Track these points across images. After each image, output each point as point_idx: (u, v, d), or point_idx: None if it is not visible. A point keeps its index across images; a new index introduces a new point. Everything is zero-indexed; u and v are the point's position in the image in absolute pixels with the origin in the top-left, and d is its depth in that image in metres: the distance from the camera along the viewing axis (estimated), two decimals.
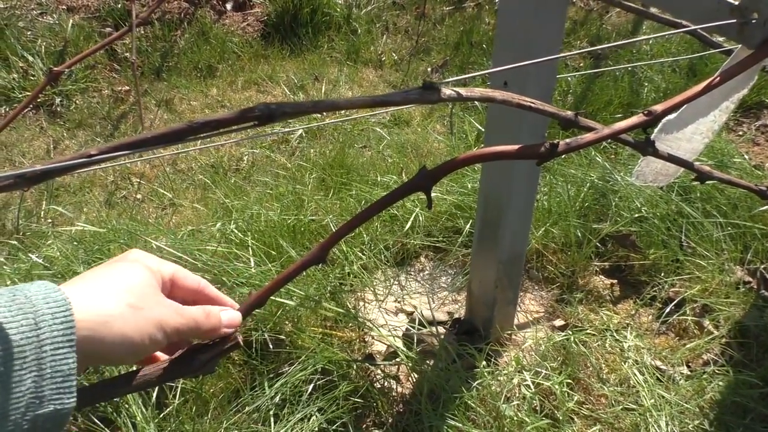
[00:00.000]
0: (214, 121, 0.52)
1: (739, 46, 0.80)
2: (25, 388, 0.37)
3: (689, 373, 1.39)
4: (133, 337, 0.44)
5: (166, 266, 0.52)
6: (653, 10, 1.47)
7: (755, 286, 1.56)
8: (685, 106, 0.92)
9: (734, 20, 0.76)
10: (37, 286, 0.40)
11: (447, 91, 0.62)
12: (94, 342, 0.42)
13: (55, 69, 0.99)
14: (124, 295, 0.45)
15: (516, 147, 0.65)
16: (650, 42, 2.73)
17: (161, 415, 1.22)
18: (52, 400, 0.38)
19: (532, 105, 0.68)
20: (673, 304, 1.52)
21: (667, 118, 0.93)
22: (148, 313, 0.46)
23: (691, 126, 0.91)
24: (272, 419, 1.21)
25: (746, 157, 2.05)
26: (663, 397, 1.29)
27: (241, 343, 0.57)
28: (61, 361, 0.39)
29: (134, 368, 0.54)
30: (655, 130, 0.92)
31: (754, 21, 0.74)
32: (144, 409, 1.19)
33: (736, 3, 0.75)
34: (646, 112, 0.71)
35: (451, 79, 0.64)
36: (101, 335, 0.42)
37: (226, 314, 0.54)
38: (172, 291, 0.53)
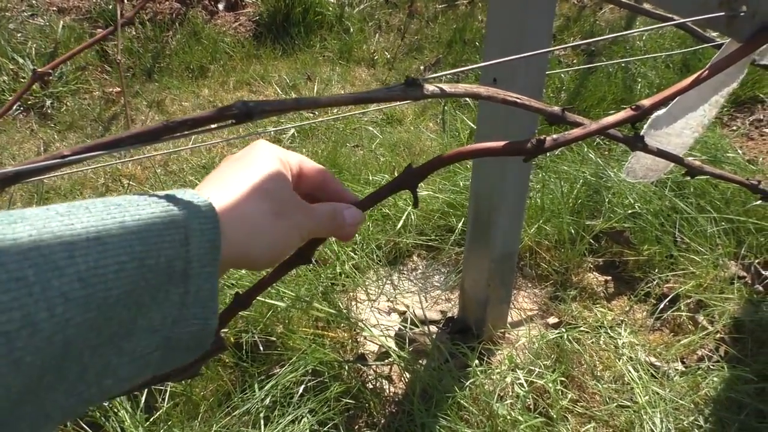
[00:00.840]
0: (191, 120, 0.51)
1: (728, 39, 0.79)
2: (171, 304, 0.37)
3: (684, 369, 1.38)
4: (277, 245, 0.44)
5: (294, 158, 0.50)
6: (646, 6, 1.47)
7: (749, 281, 1.55)
8: (674, 101, 0.91)
9: (723, 13, 0.75)
10: (189, 195, 0.39)
11: (430, 88, 0.61)
12: (240, 256, 0.41)
13: (40, 70, 0.97)
14: (268, 202, 0.43)
15: (502, 143, 0.64)
16: (644, 38, 2.72)
17: (150, 419, 1.20)
18: (197, 319, 0.38)
19: (518, 101, 0.67)
20: (667, 300, 1.51)
21: (656, 113, 0.92)
22: (290, 220, 0.45)
23: (680, 121, 0.90)
24: (263, 421, 1.20)
25: (740, 151, 2.04)
26: (657, 393, 1.28)
27: (227, 345, 0.56)
28: (207, 280, 0.38)
29: None
30: (645, 126, 0.92)
31: (742, 14, 0.74)
32: (133, 413, 1.17)
33: None
34: (634, 107, 0.70)
35: (436, 74, 0.63)
36: (247, 249, 0.42)
37: (350, 212, 0.52)
38: (298, 183, 0.51)
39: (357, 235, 1.61)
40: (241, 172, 0.45)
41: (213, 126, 0.53)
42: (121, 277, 0.33)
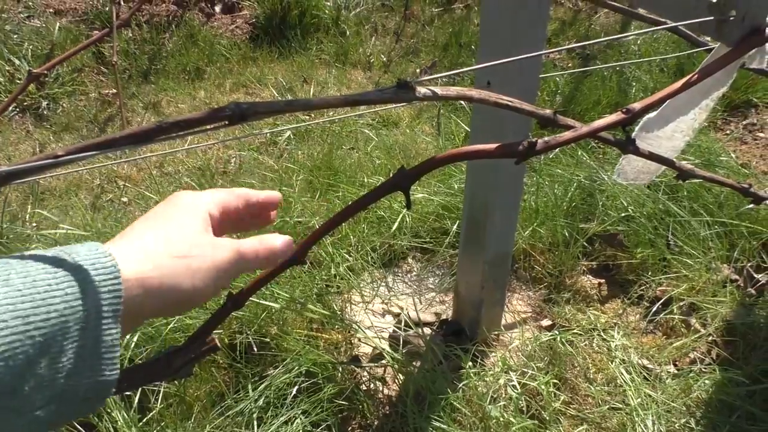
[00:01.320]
0: (184, 121, 0.52)
1: (718, 44, 0.80)
2: (66, 359, 0.36)
3: (676, 371, 1.39)
4: (185, 288, 0.43)
5: (214, 198, 0.51)
6: (640, 10, 1.48)
7: (742, 284, 1.56)
8: (665, 104, 0.92)
9: (712, 17, 0.76)
10: (86, 248, 0.39)
11: (422, 90, 0.61)
12: (143, 304, 0.41)
13: (35, 71, 0.98)
14: (172, 246, 0.43)
15: (494, 146, 0.65)
16: (638, 42, 2.74)
17: (144, 420, 1.21)
18: (95, 371, 0.37)
19: (510, 104, 0.67)
20: (660, 302, 1.52)
21: (647, 116, 0.93)
22: (200, 260, 0.45)
23: (671, 124, 0.91)
24: (256, 422, 1.20)
25: (733, 155, 2.06)
26: (650, 396, 1.29)
27: (219, 345, 0.57)
28: (106, 332, 0.37)
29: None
30: (636, 129, 0.92)
31: (732, 18, 0.74)
32: (126, 414, 1.17)
33: (714, 0, 0.75)
34: (624, 110, 0.71)
35: (431, 77, 0.63)
36: (151, 296, 0.41)
37: (280, 240, 0.54)
38: (225, 219, 0.52)
39: (352, 237, 1.62)
40: (148, 223, 0.46)
41: (207, 127, 0.54)
42: (3, 335, 0.32)
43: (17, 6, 2.80)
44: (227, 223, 0.53)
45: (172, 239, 0.44)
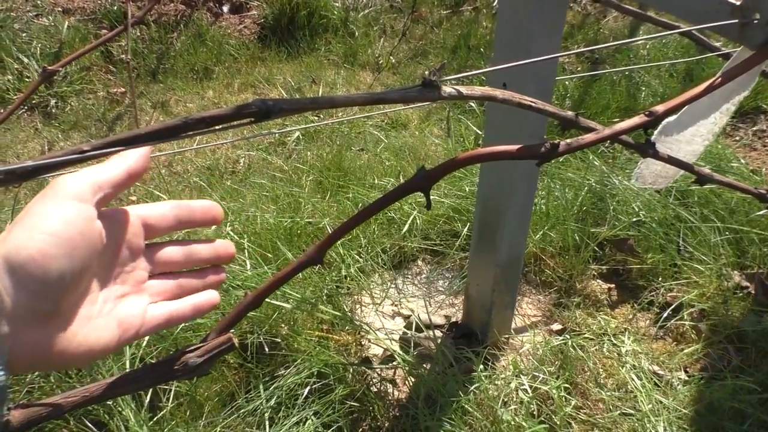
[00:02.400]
0: (210, 117, 0.51)
1: (740, 47, 0.79)
2: None
3: (687, 378, 1.38)
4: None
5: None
6: (651, 13, 1.47)
7: (753, 291, 1.55)
8: (684, 108, 0.91)
9: (735, 21, 0.75)
10: None
11: (447, 89, 0.61)
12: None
13: (49, 68, 0.97)
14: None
15: (516, 147, 0.64)
16: (647, 46, 2.73)
17: (154, 419, 1.20)
18: None
19: (533, 104, 0.67)
20: (670, 308, 1.51)
21: (666, 120, 0.92)
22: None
23: (691, 128, 0.90)
24: (267, 423, 1.20)
25: (743, 161, 2.05)
26: (661, 402, 1.28)
27: (236, 344, 0.56)
28: None
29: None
30: (655, 133, 0.92)
31: (755, 21, 0.74)
32: (137, 412, 1.17)
33: (738, 3, 0.74)
34: (647, 113, 0.70)
35: (450, 77, 0.63)
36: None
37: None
38: (151, 235, 0.49)
39: (363, 238, 1.61)
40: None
41: (232, 124, 0.53)
42: None
43: (26, 4, 2.80)
44: (159, 231, 0.49)
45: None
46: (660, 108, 0.71)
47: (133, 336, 0.45)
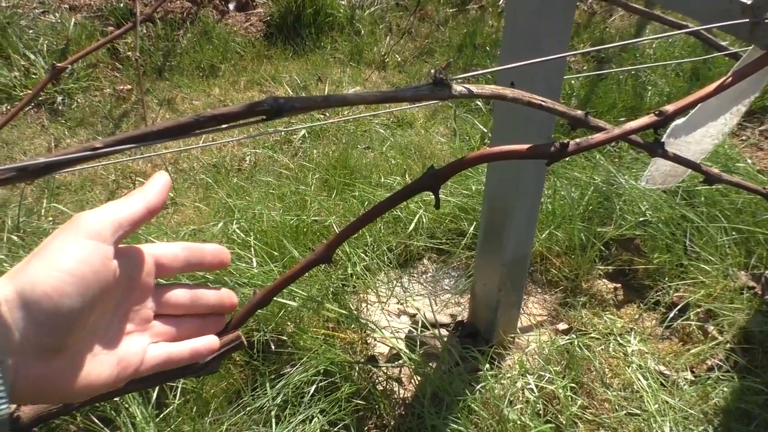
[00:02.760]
0: (221, 115, 0.51)
1: (751, 47, 0.79)
2: None
3: (693, 378, 1.37)
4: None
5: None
6: (658, 11, 1.46)
7: (759, 292, 1.54)
8: (694, 110, 0.91)
9: (746, 20, 0.75)
10: None
11: (458, 88, 0.61)
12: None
13: (59, 65, 0.98)
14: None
15: (526, 146, 0.64)
16: (654, 45, 2.72)
17: (161, 416, 1.20)
18: None
19: (543, 103, 0.67)
20: (677, 308, 1.50)
21: (675, 122, 0.92)
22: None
23: (700, 129, 0.90)
24: (273, 420, 1.20)
25: (750, 161, 2.04)
26: (667, 402, 1.28)
27: (245, 343, 0.56)
28: None
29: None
30: (664, 135, 0.91)
31: (767, 20, 0.74)
32: (144, 409, 1.17)
33: (749, 2, 0.74)
34: (657, 113, 0.70)
35: (459, 77, 0.63)
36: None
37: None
38: (161, 275, 0.49)
39: (369, 236, 1.61)
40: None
41: (242, 121, 0.53)
42: None
43: (32, 1, 2.81)
44: (169, 272, 0.50)
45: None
46: (670, 108, 0.71)
47: (131, 374, 0.45)
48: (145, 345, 0.47)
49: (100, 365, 0.42)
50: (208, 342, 0.51)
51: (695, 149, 0.90)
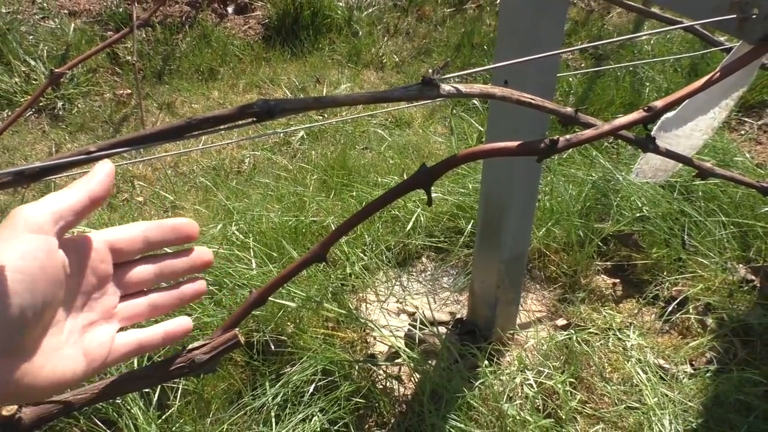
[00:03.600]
0: (213, 118, 0.52)
1: (740, 42, 0.80)
2: None
3: (692, 371, 1.38)
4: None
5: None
6: (655, 9, 1.47)
7: (758, 285, 1.55)
8: (683, 105, 0.92)
9: (734, 16, 0.76)
10: None
11: (446, 87, 0.62)
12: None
13: (57, 70, 0.99)
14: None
15: (516, 143, 0.65)
16: (651, 42, 2.73)
17: (163, 417, 1.22)
18: None
19: (532, 101, 0.68)
20: (675, 302, 1.51)
21: (665, 116, 0.93)
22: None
23: (690, 123, 0.91)
24: (274, 420, 1.21)
25: (748, 155, 2.04)
26: (666, 395, 1.29)
27: (242, 341, 0.57)
28: None
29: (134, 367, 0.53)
30: (654, 129, 0.92)
31: (754, 16, 0.74)
32: (145, 411, 1.18)
33: None
34: (646, 108, 0.71)
35: (452, 75, 0.64)
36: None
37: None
38: (121, 259, 0.47)
39: (367, 236, 1.62)
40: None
41: (236, 123, 0.54)
42: None
43: (32, 7, 2.83)
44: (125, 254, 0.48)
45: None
46: (659, 103, 0.71)
47: (100, 365, 0.44)
48: (111, 334, 0.45)
49: (65, 361, 0.41)
50: (181, 323, 0.49)
51: (685, 143, 0.91)
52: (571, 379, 1.31)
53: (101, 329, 0.45)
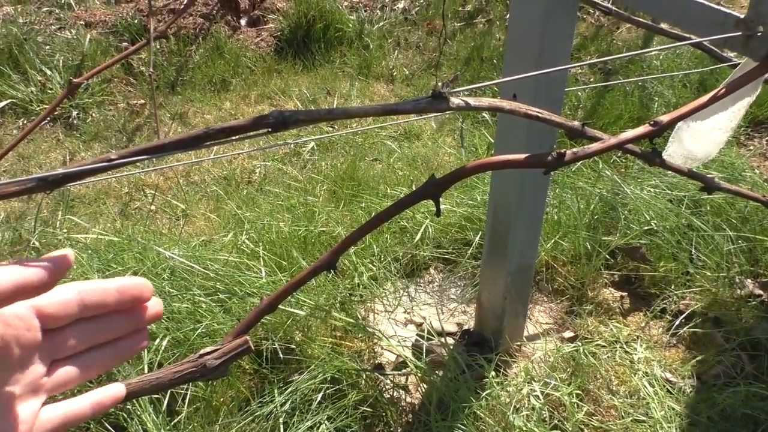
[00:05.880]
0: (229, 128, 0.54)
1: (745, 58, 0.81)
2: None
3: (699, 385, 1.38)
4: None
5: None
6: (664, 25, 1.49)
7: (766, 299, 1.55)
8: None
9: (740, 33, 0.77)
10: None
11: (456, 101, 0.63)
12: None
13: (75, 80, 1.01)
14: None
15: (524, 156, 0.66)
16: (660, 57, 2.74)
17: (172, 423, 1.23)
18: None
19: (540, 115, 0.69)
20: (683, 316, 1.51)
21: None
22: None
23: (712, 118, 0.92)
24: (282, 427, 1.22)
25: (757, 171, 2.05)
26: (673, 408, 1.29)
27: (252, 347, 0.58)
28: None
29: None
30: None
31: (759, 34, 0.76)
32: (155, 416, 1.20)
33: (742, 16, 0.76)
34: (652, 123, 0.72)
35: (461, 89, 0.65)
36: None
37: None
38: (51, 325, 0.42)
39: (375, 247, 1.64)
40: None
41: (250, 133, 0.56)
42: None
43: (49, 18, 2.88)
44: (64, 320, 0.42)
45: None
46: (665, 118, 0.73)
47: None
48: (34, 410, 0.40)
49: None
50: (113, 392, 0.44)
51: (708, 139, 0.92)
52: (578, 391, 1.31)
53: (25, 405, 0.40)
